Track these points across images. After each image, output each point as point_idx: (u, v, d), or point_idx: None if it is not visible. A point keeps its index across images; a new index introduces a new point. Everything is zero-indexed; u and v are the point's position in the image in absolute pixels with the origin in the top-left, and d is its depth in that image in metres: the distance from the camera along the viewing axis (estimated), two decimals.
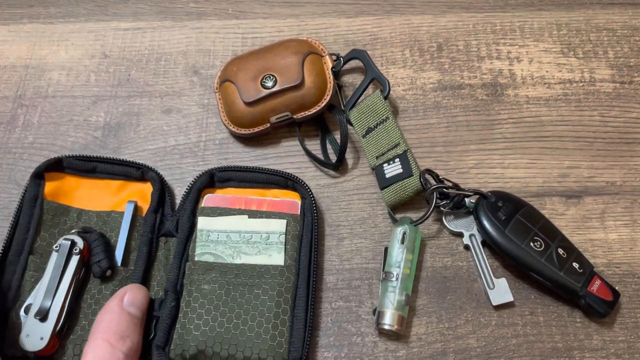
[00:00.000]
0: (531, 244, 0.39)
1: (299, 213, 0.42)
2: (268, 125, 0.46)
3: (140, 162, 0.44)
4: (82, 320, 0.39)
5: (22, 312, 0.38)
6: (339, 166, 0.45)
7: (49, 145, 0.47)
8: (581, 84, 0.49)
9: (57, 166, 0.43)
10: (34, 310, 0.37)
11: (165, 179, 0.45)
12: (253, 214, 0.42)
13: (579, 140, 0.46)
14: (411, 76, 0.50)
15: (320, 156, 0.46)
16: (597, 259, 0.42)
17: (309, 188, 0.42)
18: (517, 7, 0.53)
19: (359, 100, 0.46)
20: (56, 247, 0.39)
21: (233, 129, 0.46)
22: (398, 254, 0.40)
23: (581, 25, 0.52)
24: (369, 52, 0.47)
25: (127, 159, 0.44)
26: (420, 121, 0.48)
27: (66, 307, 0.38)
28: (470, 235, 0.42)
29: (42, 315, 0.37)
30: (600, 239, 0.42)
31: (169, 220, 0.42)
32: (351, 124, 0.46)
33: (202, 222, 0.41)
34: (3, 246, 0.40)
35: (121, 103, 0.49)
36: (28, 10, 0.54)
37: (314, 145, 0.47)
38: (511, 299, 0.40)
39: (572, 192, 0.44)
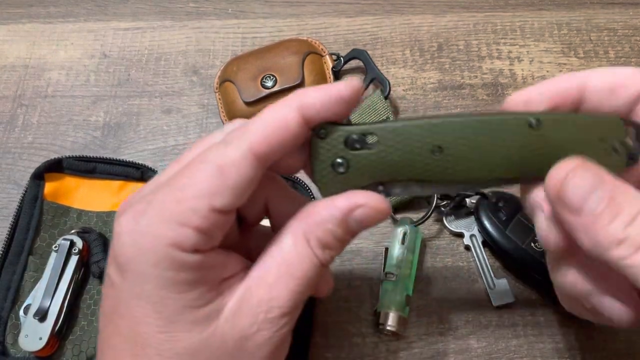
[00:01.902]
0: (532, 244, 0.39)
1: None
2: None
3: (140, 162, 0.44)
4: (81, 321, 0.39)
5: (21, 312, 0.38)
6: None
7: (49, 145, 0.47)
8: None
9: (56, 167, 0.43)
10: (32, 310, 0.37)
11: None
12: None
13: None
14: (411, 76, 0.50)
15: None
16: None
17: (309, 188, 0.42)
18: (518, 7, 0.53)
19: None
20: (55, 247, 0.39)
21: None
22: (398, 254, 0.40)
23: (582, 25, 0.52)
24: (369, 52, 0.47)
25: (127, 159, 0.44)
26: None
27: (65, 307, 0.38)
28: (471, 236, 0.42)
29: (41, 315, 0.37)
30: None
31: None
32: (351, 124, 0.46)
33: None
34: (3, 247, 0.40)
35: (121, 103, 0.49)
36: (27, 9, 0.54)
37: None
38: (512, 299, 0.39)
39: None
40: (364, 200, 0.25)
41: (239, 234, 0.29)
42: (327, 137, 0.25)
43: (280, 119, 0.24)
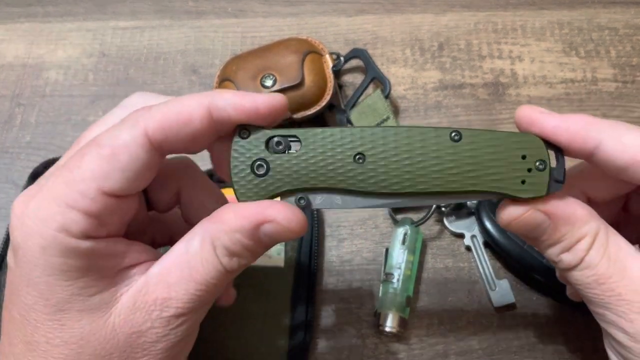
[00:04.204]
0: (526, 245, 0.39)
1: None
2: None
3: None
4: None
5: None
6: None
7: (47, 145, 0.47)
8: (583, 84, 0.49)
9: None
10: None
11: None
12: None
13: None
14: (412, 75, 0.49)
15: None
16: None
17: None
18: (519, 6, 0.53)
19: (360, 100, 0.46)
20: None
21: None
22: (399, 255, 0.40)
23: (583, 24, 0.51)
24: (369, 51, 0.47)
25: None
26: (421, 121, 0.47)
27: None
28: (472, 236, 0.42)
29: None
30: None
31: None
32: (352, 124, 0.46)
33: None
34: (1, 247, 0.40)
35: (119, 102, 0.49)
36: (26, 9, 0.54)
37: None
38: (513, 300, 0.39)
39: None
40: (274, 216, 0.24)
41: (150, 219, 0.29)
42: (248, 138, 0.25)
43: (184, 110, 0.23)
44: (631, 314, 0.24)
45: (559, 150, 0.26)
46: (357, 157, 0.25)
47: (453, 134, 0.25)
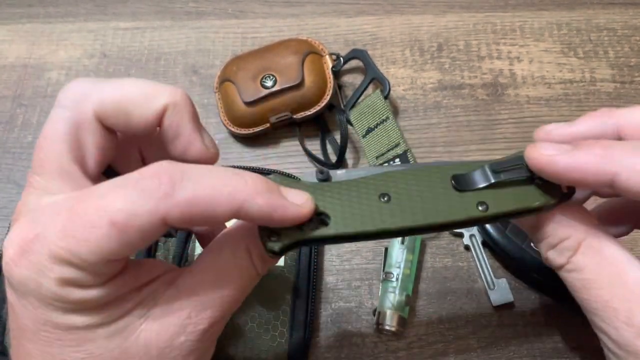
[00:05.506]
0: (532, 244, 0.39)
1: None
2: (268, 125, 0.46)
3: None
4: None
5: None
6: (339, 166, 0.45)
7: None
8: (582, 84, 0.49)
9: None
10: None
11: None
12: None
13: None
14: (411, 76, 0.50)
15: (321, 156, 0.46)
16: None
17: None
18: (518, 7, 0.53)
19: (359, 100, 0.46)
20: None
21: (233, 129, 0.46)
22: (398, 254, 0.40)
23: (582, 25, 0.52)
24: (369, 52, 0.47)
25: None
26: (421, 121, 0.48)
27: None
28: (471, 236, 0.42)
29: None
30: None
31: None
32: (351, 124, 0.46)
33: None
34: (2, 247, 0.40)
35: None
36: (27, 9, 0.54)
37: (314, 145, 0.47)
38: (511, 299, 0.39)
39: None
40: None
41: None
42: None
43: (212, 205, 0.21)
44: (617, 322, 0.24)
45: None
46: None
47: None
